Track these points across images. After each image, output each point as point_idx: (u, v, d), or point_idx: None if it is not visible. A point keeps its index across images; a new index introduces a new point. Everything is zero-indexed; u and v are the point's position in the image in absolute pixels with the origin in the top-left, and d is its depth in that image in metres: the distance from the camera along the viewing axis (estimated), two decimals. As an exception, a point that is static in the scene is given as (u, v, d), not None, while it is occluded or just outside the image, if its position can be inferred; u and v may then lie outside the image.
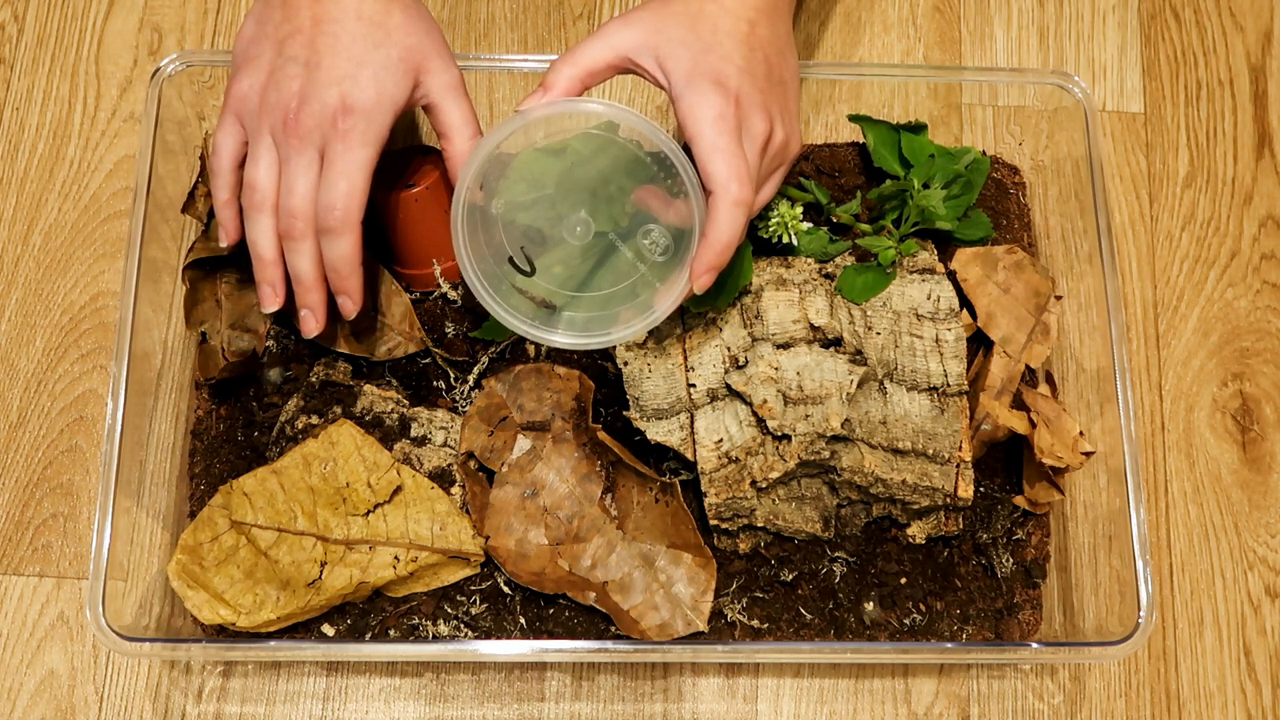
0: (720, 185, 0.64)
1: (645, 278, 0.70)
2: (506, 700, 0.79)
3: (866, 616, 0.78)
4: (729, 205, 0.64)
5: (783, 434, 0.73)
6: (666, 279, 0.69)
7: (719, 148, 0.64)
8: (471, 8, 0.95)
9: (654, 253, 0.69)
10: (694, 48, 0.66)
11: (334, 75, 0.68)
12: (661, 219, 0.69)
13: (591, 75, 0.68)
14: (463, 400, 0.81)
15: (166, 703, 0.79)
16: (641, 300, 0.70)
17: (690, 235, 0.67)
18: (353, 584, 0.74)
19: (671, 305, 0.68)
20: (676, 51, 0.66)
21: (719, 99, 0.64)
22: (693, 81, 0.65)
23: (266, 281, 0.72)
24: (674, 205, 0.68)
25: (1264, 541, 0.84)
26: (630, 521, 0.78)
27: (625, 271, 0.70)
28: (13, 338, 0.86)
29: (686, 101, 0.65)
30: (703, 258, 0.65)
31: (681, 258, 0.68)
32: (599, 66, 0.68)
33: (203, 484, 0.80)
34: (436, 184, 0.80)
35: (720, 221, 0.64)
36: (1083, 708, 0.81)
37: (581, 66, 0.68)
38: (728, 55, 0.66)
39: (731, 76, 0.65)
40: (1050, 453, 0.77)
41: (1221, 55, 0.95)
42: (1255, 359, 0.88)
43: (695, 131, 0.64)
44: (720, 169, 0.64)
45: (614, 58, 0.68)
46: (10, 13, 0.94)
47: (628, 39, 0.67)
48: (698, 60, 0.66)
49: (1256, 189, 0.92)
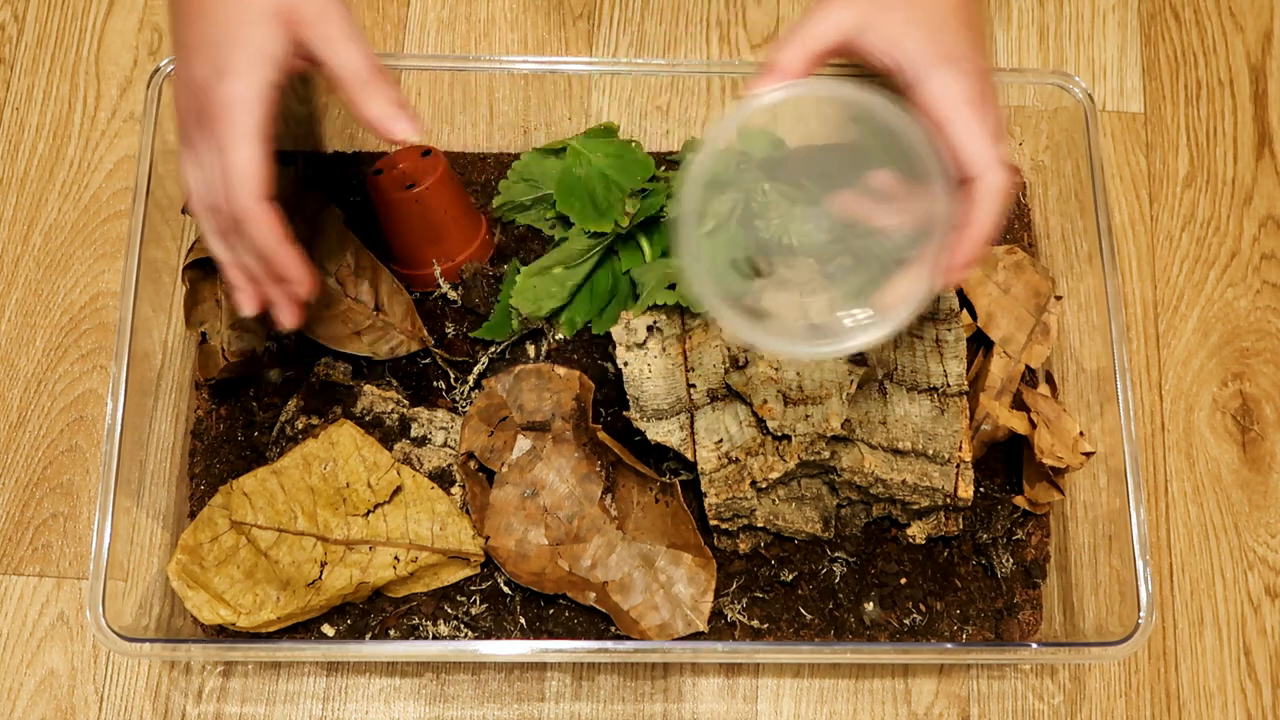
0: (984, 169, 0.60)
1: (880, 274, 0.64)
2: (506, 700, 0.79)
3: (866, 616, 0.78)
4: (993, 191, 0.60)
5: (783, 434, 0.73)
6: (907, 274, 0.63)
7: (976, 131, 0.60)
8: (471, 8, 0.95)
9: (894, 248, 0.64)
10: (924, 26, 0.62)
11: (203, 53, 0.64)
12: (888, 215, 0.64)
13: (819, 56, 0.63)
14: (463, 400, 0.81)
15: (166, 703, 0.79)
16: (878, 294, 0.63)
17: (932, 228, 0.61)
18: (353, 584, 0.74)
19: (914, 306, 0.62)
20: (908, 31, 0.62)
21: (968, 81, 0.61)
22: (935, 65, 0.61)
23: (233, 284, 0.69)
24: (908, 197, 0.64)
25: (1264, 541, 0.84)
26: (630, 521, 0.78)
27: (856, 268, 0.66)
28: (13, 338, 0.86)
29: (934, 85, 0.61)
30: (961, 249, 0.61)
31: (922, 253, 0.62)
32: (826, 48, 0.63)
33: (203, 484, 0.80)
34: (436, 184, 0.80)
35: (984, 208, 0.60)
36: (1083, 708, 0.81)
37: (810, 48, 0.62)
38: (957, 33, 0.63)
39: (969, 56, 0.62)
40: (1050, 453, 0.77)
41: (1221, 55, 0.95)
42: (1255, 359, 0.88)
43: (949, 115, 0.61)
44: (981, 153, 0.60)
45: (839, 38, 0.63)
46: (10, 13, 0.94)
47: (850, 18, 0.62)
48: (934, 40, 0.62)
49: (1256, 189, 0.92)
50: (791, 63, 0.62)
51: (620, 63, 0.91)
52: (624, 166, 0.82)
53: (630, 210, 0.79)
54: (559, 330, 0.82)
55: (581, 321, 0.81)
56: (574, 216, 0.80)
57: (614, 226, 0.79)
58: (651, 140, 0.91)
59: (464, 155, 0.89)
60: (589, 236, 0.80)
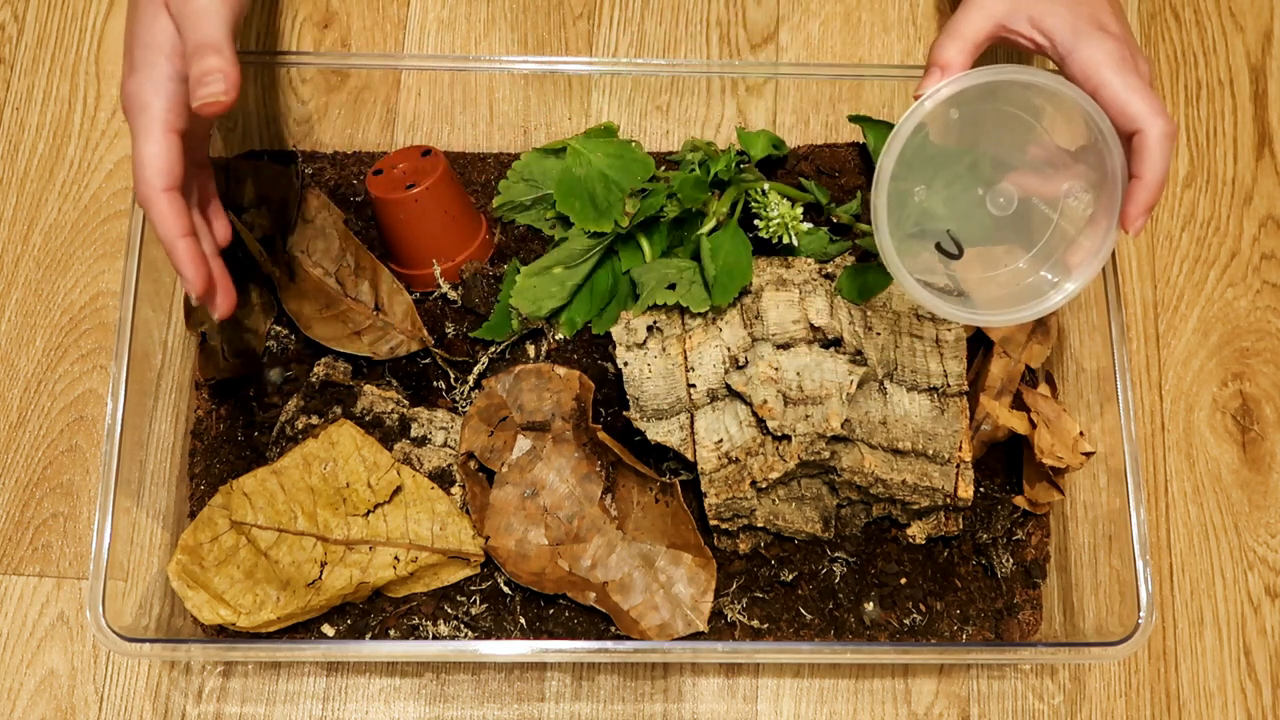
0: (1148, 120, 0.64)
1: (1061, 238, 0.70)
2: (506, 700, 0.79)
3: (866, 616, 0.78)
4: (1161, 139, 0.64)
5: (783, 434, 0.73)
6: (1090, 232, 0.69)
7: (1133, 87, 0.65)
8: (471, 8, 0.95)
9: (1078, 211, 0.69)
10: (1065, 3, 0.68)
11: (125, 50, 0.66)
12: (1060, 180, 0.69)
13: (977, 47, 0.69)
14: (463, 400, 0.81)
15: (166, 703, 0.79)
16: (1067, 254, 0.70)
17: (1108, 185, 0.67)
18: (353, 584, 0.74)
19: (1102, 260, 0.68)
20: (1053, 9, 0.68)
21: (1113, 44, 0.66)
22: (1081, 34, 0.67)
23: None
24: (1073, 162, 0.69)
25: (1264, 541, 0.84)
26: (630, 521, 0.78)
27: (1036, 235, 0.71)
28: (13, 338, 0.86)
29: (1083, 53, 0.66)
30: (1140, 199, 0.65)
31: (1100, 210, 0.68)
32: (981, 38, 0.69)
33: (203, 484, 0.80)
34: (436, 184, 0.80)
35: (1155, 157, 0.64)
36: (1083, 708, 0.81)
37: (968, 40, 0.69)
38: (1096, 3, 0.68)
39: (1110, 23, 0.67)
40: (1050, 453, 0.77)
41: (1221, 55, 0.95)
42: (1255, 359, 0.88)
43: (1102, 78, 0.65)
44: (1142, 106, 0.64)
45: (993, 27, 0.69)
46: (10, 13, 0.94)
47: (1000, 7, 0.69)
48: (1076, 14, 0.67)
49: (1256, 189, 0.92)
50: (955, 57, 0.69)
51: (620, 63, 0.91)
52: (624, 166, 0.82)
53: (630, 210, 0.79)
54: (559, 330, 0.82)
55: (581, 321, 0.81)
56: (574, 216, 0.80)
57: (614, 226, 0.79)
58: (651, 140, 0.91)
59: (464, 155, 0.89)
60: (589, 236, 0.80)
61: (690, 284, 0.77)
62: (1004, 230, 0.72)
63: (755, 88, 0.92)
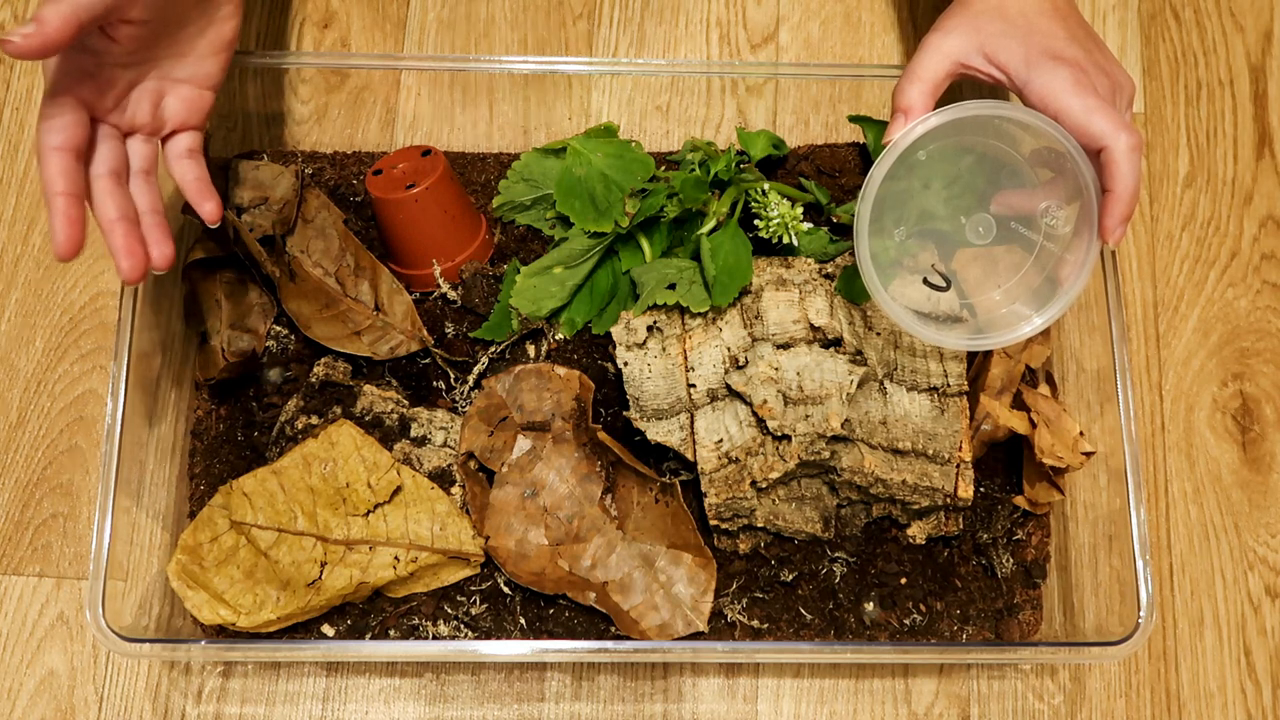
0: (1111, 137, 0.66)
1: (1048, 256, 0.72)
2: (506, 700, 0.79)
3: (866, 616, 0.78)
4: (1128, 152, 0.66)
5: (783, 434, 0.73)
6: (1074, 247, 0.70)
7: (1092, 108, 0.66)
8: (471, 8, 0.95)
9: (1058, 228, 0.71)
10: (1017, 36, 0.69)
11: None
12: (1038, 199, 0.71)
13: (937, 88, 0.71)
14: (463, 400, 0.81)
15: (166, 703, 0.79)
16: (1045, 279, 0.72)
17: (1085, 200, 0.68)
18: (353, 584, 0.74)
19: (1087, 272, 0.70)
20: (1004, 44, 0.69)
21: (1066, 70, 0.67)
22: (1034, 65, 0.68)
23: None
24: (1050, 183, 0.71)
25: (1264, 541, 0.84)
26: (630, 521, 0.78)
27: (1020, 259, 0.73)
28: (13, 338, 0.86)
29: (1039, 83, 0.68)
30: (1115, 211, 0.67)
31: (1081, 225, 0.69)
32: (940, 78, 0.71)
33: (203, 484, 0.80)
34: (436, 184, 0.80)
35: (1124, 170, 0.66)
36: (1083, 708, 0.81)
37: (928, 81, 0.71)
38: (1049, 32, 0.69)
39: (1063, 49, 0.69)
40: (1050, 453, 0.77)
41: (1221, 55, 0.95)
42: (1255, 359, 0.88)
43: (1061, 104, 0.67)
44: (1104, 125, 0.66)
45: (950, 66, 0.71)
46: (10, 13, 0.94)
47: (954, 45, 0.71)
48: (1028, 45, 0.69)
49: (1256, 189, 0.92)
50: (918, 100, 0.70)
51: (620, 63, 0.91)
52: (624, 166, 0.82)
53: (630, 210, 0.79)
54: (559, 330, 0.82)
55: (581, 321, 0.81)
56: (574, 216, 0.80)
57: (614, 226, 0.79)
58: (651, 140, 0.91)
59: (464, 155, 0.89)
60: (589, 236, 0.80)
61: (690, 284, 0.77)
62: (986, 257, 0.73)
63: (755, 88, 0.92)
